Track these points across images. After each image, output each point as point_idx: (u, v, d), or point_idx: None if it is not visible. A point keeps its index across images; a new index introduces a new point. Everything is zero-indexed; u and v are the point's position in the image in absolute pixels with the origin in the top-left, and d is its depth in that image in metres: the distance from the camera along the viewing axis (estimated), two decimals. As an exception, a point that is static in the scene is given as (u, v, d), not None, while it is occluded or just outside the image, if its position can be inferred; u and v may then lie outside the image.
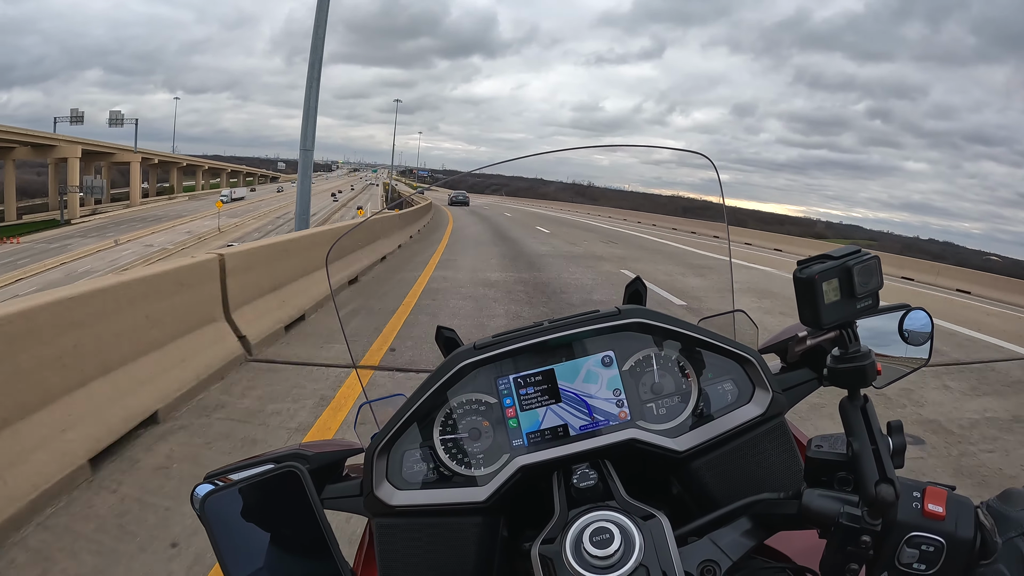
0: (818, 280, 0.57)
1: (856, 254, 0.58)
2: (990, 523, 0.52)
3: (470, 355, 0.75)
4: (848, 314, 0.58)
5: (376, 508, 0.72)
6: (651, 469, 0.77)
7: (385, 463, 0.74)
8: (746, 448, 0.75)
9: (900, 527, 0.54)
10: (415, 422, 0.75)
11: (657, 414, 0.76)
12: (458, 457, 0.75)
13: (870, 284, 0.58)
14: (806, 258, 0.58)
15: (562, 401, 0.76)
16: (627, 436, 0.73)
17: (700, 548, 0.62)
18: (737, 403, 0.77)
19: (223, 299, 4.25)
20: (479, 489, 0.72)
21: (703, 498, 0.74)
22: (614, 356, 0.77)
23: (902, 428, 0.59)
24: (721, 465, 0.74)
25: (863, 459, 0.56)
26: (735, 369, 0.78)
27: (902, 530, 0.54)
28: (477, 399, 0.76)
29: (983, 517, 0.52)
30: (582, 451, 0.73)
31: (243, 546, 0.59)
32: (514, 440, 0.75)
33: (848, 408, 0.59)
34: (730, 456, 0.74)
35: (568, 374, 0.76)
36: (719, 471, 0.74)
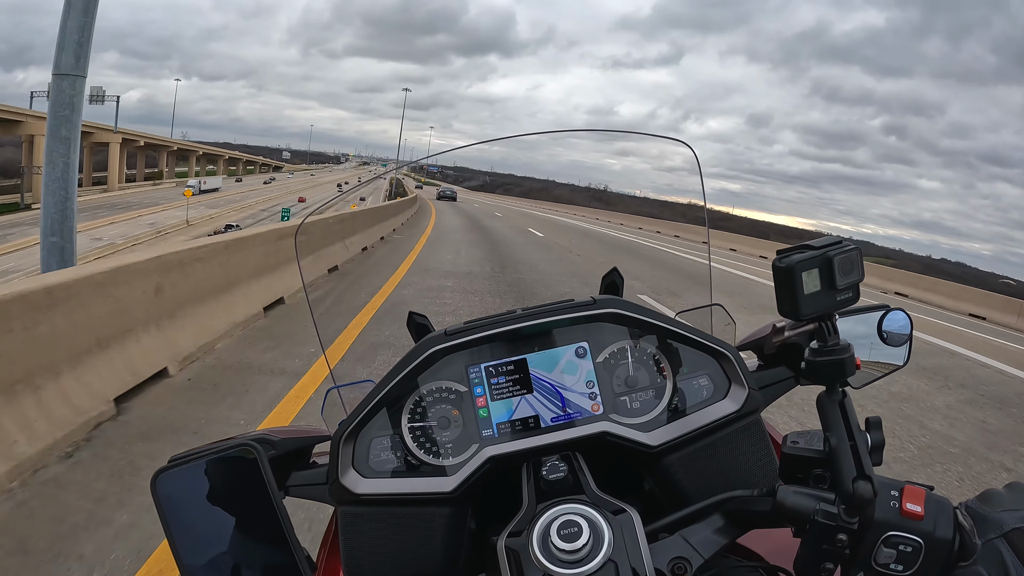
0: (798, 269, 0.56)
1: (837, 244, 0.57)
2: (969, 524, 0.51)
3: (440, 341, 0.75)
4: (828, 306, 0.57)
5: (341, 496, 0.72)
6: (624, 464, 0.78)
7: (351, 450, 0.74)
8: (720, 444, 0.75)
9: (877, 526, 0.53)
10: (383, 409, 0.75)
11: (631, 408, 0.77)
12: (426, 446, 0.75)
13: (851, 276, 0.57)
14: (786, 247, 0.58)
15: (534, 392, 0.76)
16: (599, 429, 0.74)
17: (671, 545, 0.62)
18: (712, 399, 0.77)
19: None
20: (447, 479, 0.72)
21: (675, 494, 0.74)
22: (588, 347, 0.77)
23: (880, 424, 0.60)
24: (694, 461, 0.75)
25: (840, 455, 0.56)
26: (711, 364, 0.78)
27: (879, 529, 0.53)
28: (447, 387, 0.76)
29: (962, 518, 0.51)
30: (553, 443, 0.73)
31: (195, 527, 0.57)
32: (484, 430, 0.74)
33: (826, 403, 0.59)
34: (704, 452, 0.75)
35: (541, 364, 0.76)
36: (692, 467, 0.75)
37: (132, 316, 3.35)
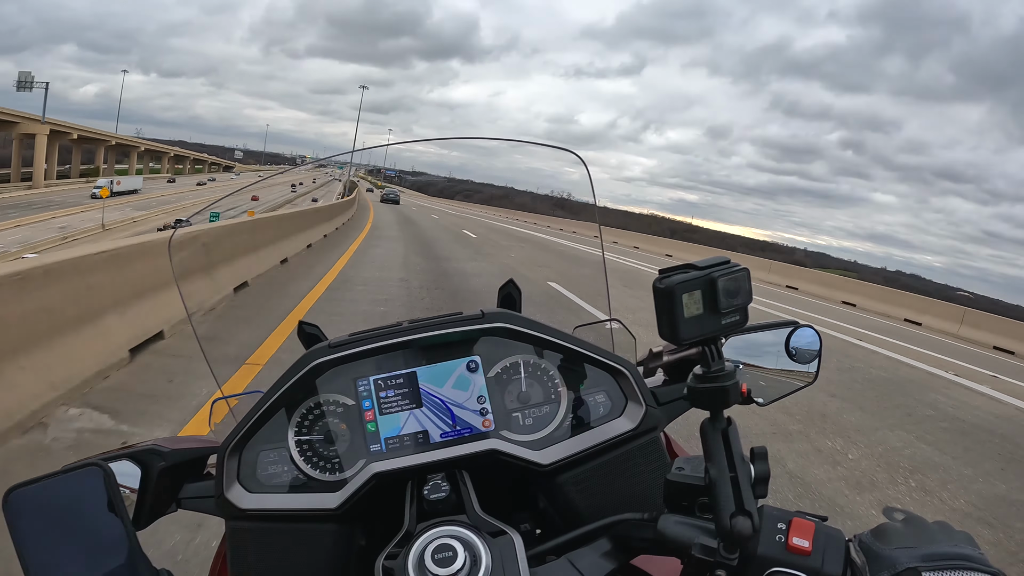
0: (678, 291, 0.54)
1: (723, 265, 0.55)
2: (861, 560, 0.49)
3: (324, 353, 0.73)
4: (711, 330, 0.55)
5: (227, 511, 0.71)
6: (518, 482, 0.76)
7: (237, 463, 0.72)
8: (616, 464, 0.74)
9: (760, 561, 0.51)
10: (269, 421, 0.73)
11: (523, 424, 0.75)
12: (314, 460, 0.73)
13: (737, 299, 0.55)
14: (668, 267, 0.55)
15: (424, 406, 0.74)
16: (488, 446, 0.72)
17: (556, 569, 0.60)
18: (609, 416, 0.76)
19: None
20: (332, 495, 0.71)
21: (569, 514, 0.73)
22: (480, 362, 0.76)
23: (766, 455, 0.57)
24: (588, 480, 0.73)
25: (719, 487, 0.54)
26: (608, 381, 0.77)
27: (762, 565, 0.51)
28: (335, 400, 0.74)
29: (854, 553, 0.49)
30: (440, 460, 0.71)
31: (49, 548, 0.56)
32: (372, 445, 0.73)
33: (708, 431, 0.56)
34: (599, 471, 0.73)
35: (432, 378, 0.75)
36: (585, 487, 0.73)
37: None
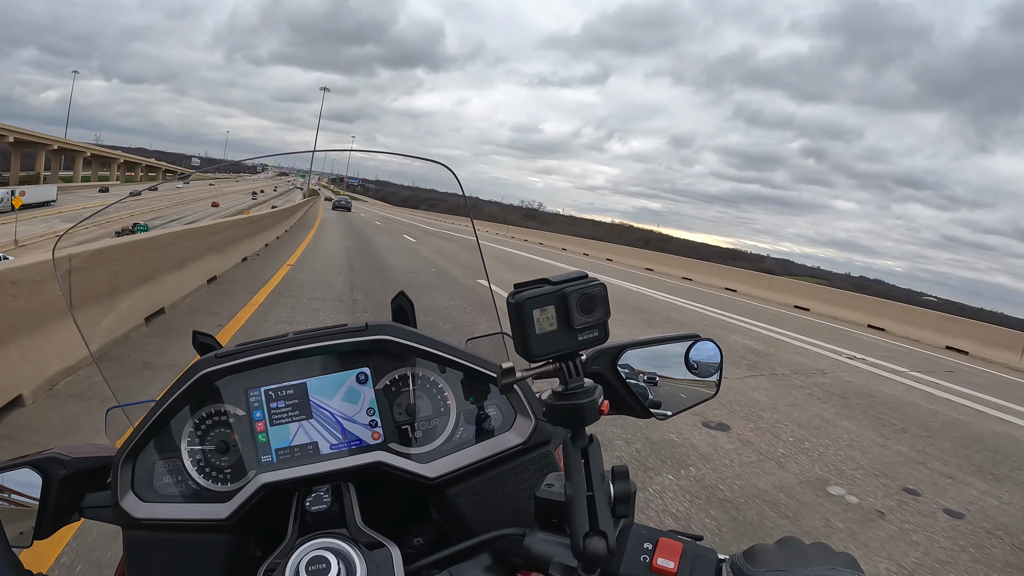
0: (527, 306, 0.53)
1: (579, 280, 0.55)
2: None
3: (211, 364, 0.73)
4: (567, 346, 0.54)
5: (122, 520, 0.71)
6: (417, 496, 0.76)
7: (131, 472, 0.73)
8: (506, 478, 0.74)
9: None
10: (162, 431, 0.73)
11: (412, 437, 0.76)
12: (206, 470, 0.74)
13: (593, 314, 0.54)
14: (522, 282, 0.55)
15: (314, 417, 0.74)
16: (374, 459, 0.72)
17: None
18: (499, 430, 0.76)
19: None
20: (223, 506, 0.71)
21: (460, 527, 0.73)
22: (369, 373, 0.76)
23: (627, 474, 0.57)
24: (478, 494, 0.73)
25: (576, 507, 0.54)
26: (498, 394, 0.77)
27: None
28: (225, 411, 0.74)
29: (726, 575, 0.49)
30: (326, 472, 0.71)
31: None
32: (263, 456, 0.73)
33: (568, 449, 0.55)
34: (489, 485, 0.73)
35: (322, 389, 0.75)
36: (475, 500, 0.73)
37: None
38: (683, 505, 2.90)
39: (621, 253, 24.73)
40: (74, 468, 0.70)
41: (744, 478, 3.32)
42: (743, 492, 3.14)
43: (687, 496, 3.00)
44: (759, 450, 3.83)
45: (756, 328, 9.47)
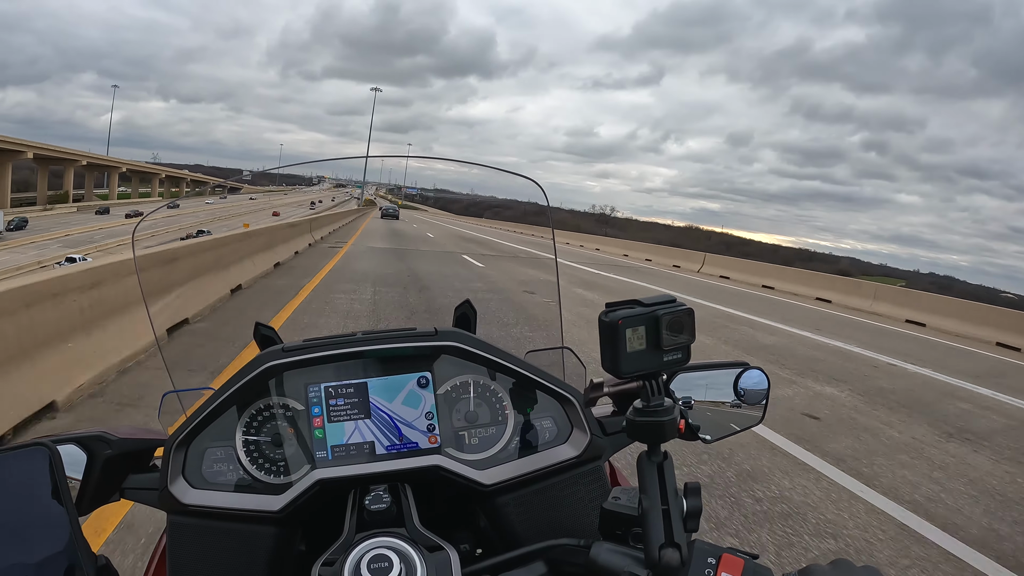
0: (622, 326, 0.58)
1: (668, 304, 0.60)
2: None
3: (277, 357, 0.78)
4: (652, 365, 0.60)
5: (169, 505, 0.75)
6: (459, 500, 0.82)
7: (183, 458, 0.77)
8: (557, 489, 0.80)
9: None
10: (218, 419, 0.78)
11: (469, 443, 0.81)
12: (259, 462, 0.78)
13: (680, 337, 0.60)
14: (615, 301, 0.60)
15: (372, 417, 0.79)
16: (432, 463, 0.78)
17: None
18: (553, 442, 0.82)
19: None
20: (275, 498, 0.75)
21: (508, 535, 0.79)
22: (431, 378, 0.81)
23: (699, 491, 0.61)
24: (528, 503, 0.79)
25: (651, 519, 0.58)
26: (555, 407, 0.84)
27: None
28: (284, 404, 0.79)
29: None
30: (383, 472, 0.77)
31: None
32: (318, 452, 0.78)
33: (644, 464, 0.60)
34: (539, 495, 0.79)
35: (382, 391, 0.80)
36: (525, 509, 0.79)
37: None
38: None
39: (695, 260, 22.03)
40: (120, 448, 0.73)
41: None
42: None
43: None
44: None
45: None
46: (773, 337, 8.50)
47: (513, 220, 62.97)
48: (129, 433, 0.79)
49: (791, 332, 9.16)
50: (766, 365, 6.68)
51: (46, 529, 0.56)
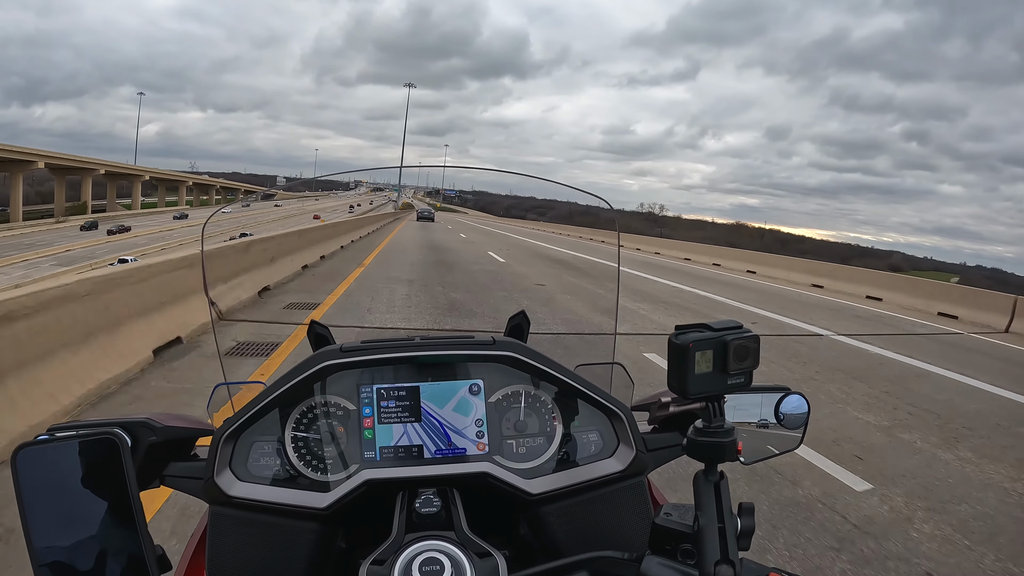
0: (692, 349, 0.62)
1: (736, 329, 0.64)
2: None
3: (334, 356, 0.84)
4: (717, 388, 0.64)
5: (214, 495, 0.80)
6: (502, 506, 0.87)
7: (231, 450, 0.82)
8: (600, 502, 0.85)
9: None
10: (269, 413, 0.83)
11: (516, 452, 0.87)
12: (307, 458, 0.84)
13: (745, 362, 0.64)
14: (685, 324, 0.65)
15: (422, 421, 0.85)
16: (481, 469, 0.83)
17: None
18: (599, 455, 0.88)
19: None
20: (322, 495, 0.80)
21: (548, 544, 0.83)
22: (482, 386, 0.87)
23: (753, 511, 0.66)
24: (572, 514, 0.84)
25: (707, 536, 0.62)
26: (603, 421, 0.89)
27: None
28: (336, 403, 0.85)
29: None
30: (432, 476, 0.82)
31: (52, 509, 0.60)
32: (366, 452, 0.84)
33: (701, 482, 0.64)
34: (582, 507, 0.84)
35: (434, 395, 0.86)
36: (568, 520, 0.84)
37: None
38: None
39: (758, 261, 19.99)
40: (164, 436, 0.77)
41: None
42: None
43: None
44: None
45: None
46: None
47: (556, 221, 60.50)
48: (172, 421, 0.83)
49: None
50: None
51: (110, 515, 0.60)
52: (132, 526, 0.60)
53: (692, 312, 9.70)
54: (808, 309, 11.09)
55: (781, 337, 7.89)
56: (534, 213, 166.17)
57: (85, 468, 0.61)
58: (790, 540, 2.79)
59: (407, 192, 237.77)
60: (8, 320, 3.26)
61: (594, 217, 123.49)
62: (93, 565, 0.59)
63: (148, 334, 4.91)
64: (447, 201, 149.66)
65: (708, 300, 11.36)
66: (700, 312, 9.77)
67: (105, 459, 0.61)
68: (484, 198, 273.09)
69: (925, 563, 2.67)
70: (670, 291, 12.10)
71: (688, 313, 9.54)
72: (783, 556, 2.66)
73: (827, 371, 6.17)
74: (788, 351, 6.96)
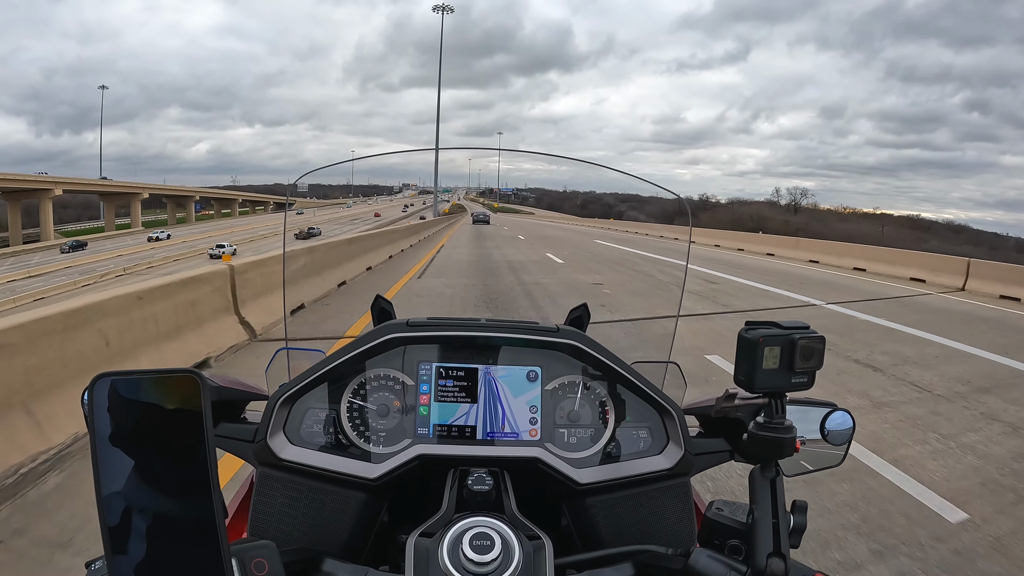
0: (761, 343, 0.74)
1: (804, 329, 0.76)
2: None
3: (400, 330, 0.99)
4: (781, 385, 0.76)
5: (264, 457, 0.94)
6: (546, 493, 1.01)
7: (286, 415, 0.97)
8: (644, 497, 0.98)
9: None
10: (327, 382, 0.99)
11: (567, 441, 1.02)
12: (360, 428, 0.99)
13: (810, 361, 0.75)
14: (755, 320, 0.78)
15: (478, 402, 1.01)
16: (533, 454, 0.97)
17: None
18: (647, 452, 1.03)
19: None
20: (372, 466, 0.94)
21: (590, 535, 0.97)
22: (540, 373, 1.03)
23: (806, 509, 0.78)
24: (616, 507, 0.98)
25: (761, 529, 0.73)
26: (654, 418, 1.04)
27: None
28: (395, 377, 1.01)
29: None
30: (484, 456, 0.97)
31: (120, 444, 0.64)
32: (420, 428, 0.99)
33: (758, 477, 0.76)
34: (627, 500, 0.98)
35: (492, 378, 1.01)
36: (612, 513, 0.97)
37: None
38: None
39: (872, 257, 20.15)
40: (216, 396, 0.88)
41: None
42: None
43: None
44: None
45: None
46: None
47: (656, 219, 57.70)
48: (226, 382, 0.99)
49: None
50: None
51: (182, 460, 0.64)
52: (203, 468, 0.64)
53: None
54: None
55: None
56: (628, 207, 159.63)
57: (161, 404, 0.65)
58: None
59: (457, 193, 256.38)
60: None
61: (713, 214, 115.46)
62: (160, 502, 0.63)
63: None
64: (503, 200, 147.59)
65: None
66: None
67: (183, 398, 0.65)
68: (548, 196, 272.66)
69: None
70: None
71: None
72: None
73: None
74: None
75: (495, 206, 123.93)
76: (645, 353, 7.01)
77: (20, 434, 3.71)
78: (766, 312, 10.67)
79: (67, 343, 4.28)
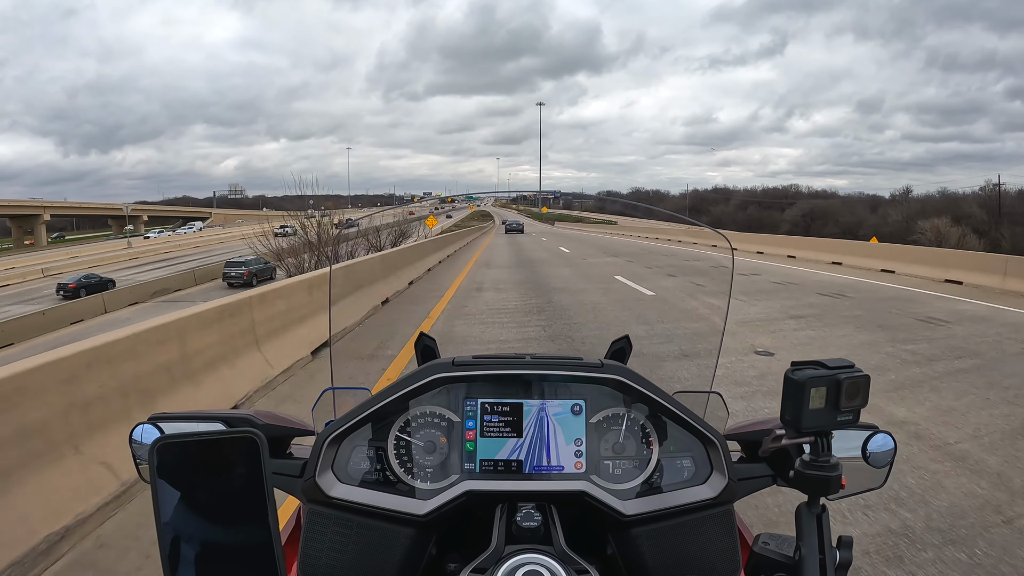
0: (808, 385, 0.79)
1: (850, 368, 0.82)
2: None
3: (446, 369, 1.05)
4: (827, 423, 0.82)
5: (313, 494, 0.99)
6: (592, 525, 1.07)
7: (334, 453, 1.02)
8: (689, 527, 1.02)
9: None
10: (372, 420, 1.04)
11: (612, 473, 1.07)
12: (407, 465, 1.04)
13: (856, 400, 0.81)
14: (800, 360, 0.84)
15: (523, 437, 1.05)
16: (579, 488, 1.02)
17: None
18: (691, 481, 1.07)
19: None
20: (421, 502, 0.99)
21: (636, 566, 1.00)
22: (584, 406, 1.08)
23: (851, 544, 0.84)
24: (661, 538, 1.01)
25: (808, 565, 0.78)
26: (697, 448, 1.09)
27: None
28: (440, 414, 1.06)
29: None
30: (532, 491, 1.01)
31: (182, 500, 0.70)
32: (467, 463, 1.04)
33: (804, 514, 0.83)
34: (672, 531, 1.02)
35: (537, 413, 1.06)
36: (658, 543, 1.01)
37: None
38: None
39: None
40: (264, 433, 0.84)
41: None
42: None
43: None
44: None
45: None
46: None
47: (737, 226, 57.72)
48: (272, 420, 1.08)
49: None
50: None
51: (244, 511, 0.71)
52: (264, 523, 0.70)
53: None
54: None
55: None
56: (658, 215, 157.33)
57: (222, 464, 0.72)
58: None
59: (485, 200, 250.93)
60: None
61: (764, 218, 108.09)
62: (222, 558, 0.70)
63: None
64: (544, 203, 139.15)
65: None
66: None
67: (243, 456, 0.71)
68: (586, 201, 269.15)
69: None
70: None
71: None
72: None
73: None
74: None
75: (543, 210, 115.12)
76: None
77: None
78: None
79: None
